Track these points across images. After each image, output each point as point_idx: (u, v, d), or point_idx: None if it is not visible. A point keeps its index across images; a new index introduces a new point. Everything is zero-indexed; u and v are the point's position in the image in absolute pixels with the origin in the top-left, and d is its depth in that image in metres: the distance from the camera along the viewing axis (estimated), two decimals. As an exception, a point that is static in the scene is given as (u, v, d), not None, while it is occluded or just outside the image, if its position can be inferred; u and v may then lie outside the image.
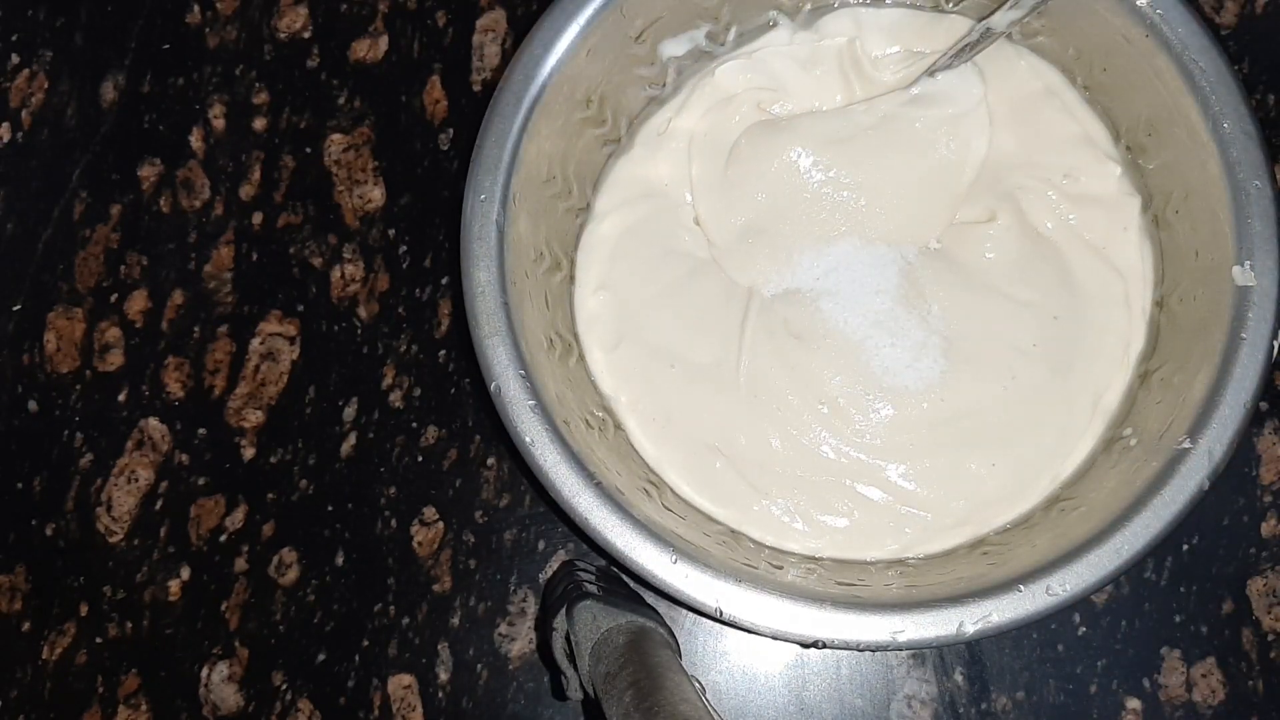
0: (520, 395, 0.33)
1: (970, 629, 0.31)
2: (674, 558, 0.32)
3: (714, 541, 0.34)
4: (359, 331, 0.42)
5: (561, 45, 0.34)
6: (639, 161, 0.39)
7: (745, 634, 0.40)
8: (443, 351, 0.42)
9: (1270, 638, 0.39)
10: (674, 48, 0.38)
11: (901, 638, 0.31)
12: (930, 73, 0.37)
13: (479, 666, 0.40)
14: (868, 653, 0.39)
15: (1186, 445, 0.32)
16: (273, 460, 0.42)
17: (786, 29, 0.39)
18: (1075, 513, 0.34)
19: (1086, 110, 0.37)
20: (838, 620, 0.31)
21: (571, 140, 0.36)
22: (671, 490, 0.36)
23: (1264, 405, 0.40)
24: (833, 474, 0.36)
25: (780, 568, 0.34)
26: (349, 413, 0.42)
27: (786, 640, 0.32)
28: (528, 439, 0.33)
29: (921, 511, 0.36)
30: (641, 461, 0.36)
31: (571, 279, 0.37)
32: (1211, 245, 0.34)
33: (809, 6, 0.38)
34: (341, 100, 0.44)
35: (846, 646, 0.32)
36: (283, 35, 0.45)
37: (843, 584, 0.33)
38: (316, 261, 0.43)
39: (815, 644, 0.32)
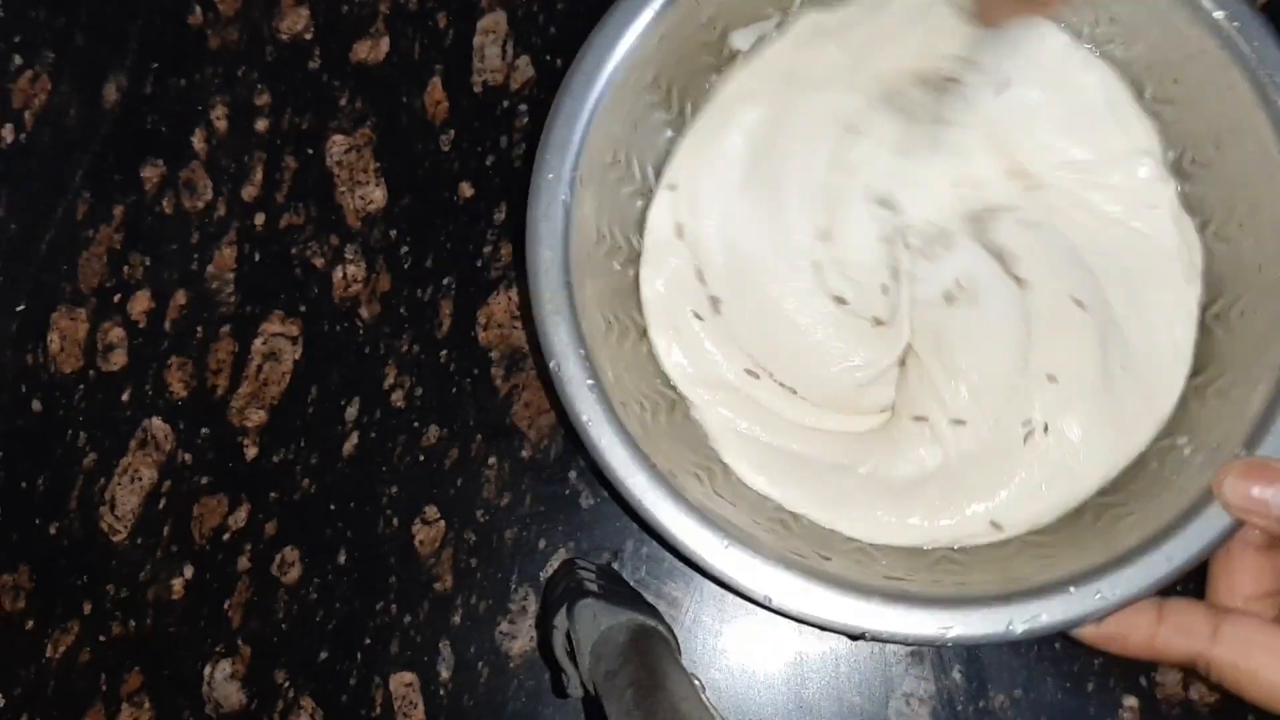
0: (579, 374, 0.33)
1: (1020, 628, 0.31)
2: (726, 543, 0.32)
3: (764, 529, 0.34)
4: (361, 331, 0.43)
5: (636, 29, 0.35)
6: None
7: (745, 633, 0.40)
8: (444, 351, 0.42)
9: (1266, 636, 0.39)
10: (743, 39, 0.38)
11: (950, 634, 0.31)
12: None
13: (480, 664, 0.40)
14: (867, 651, 0.39)
15: (1242, 455, 0.32)
16: (275, 460, 0.42)
17: None
18: (1127, 520, 0.34)
19: (1146, 124, 0.37)
20: (887, 613, 0.31)
21: (638, 123, 0.36)
22: (724, 473, 0.36)
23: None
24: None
25: (829, 558, 0.34)
26: (351, 412, 0.42)
27: (833, 630, 0.32)
28: (585, 417, 0.33)
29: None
30: (698, 442, 0.36)
31: (633, 261, 0.37)
32: (1276, 260, 0.33)
33: None
34: (343, 101, 0.44)
35: (894, 640, 0.31)
36: (284, 36, 0.45)
37: (891, 578, 0.33)
38: (318, 262, 0.43)
39: (861, 636, 0.31)
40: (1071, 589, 0.31)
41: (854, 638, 0.32)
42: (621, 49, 0.35)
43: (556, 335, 0.33)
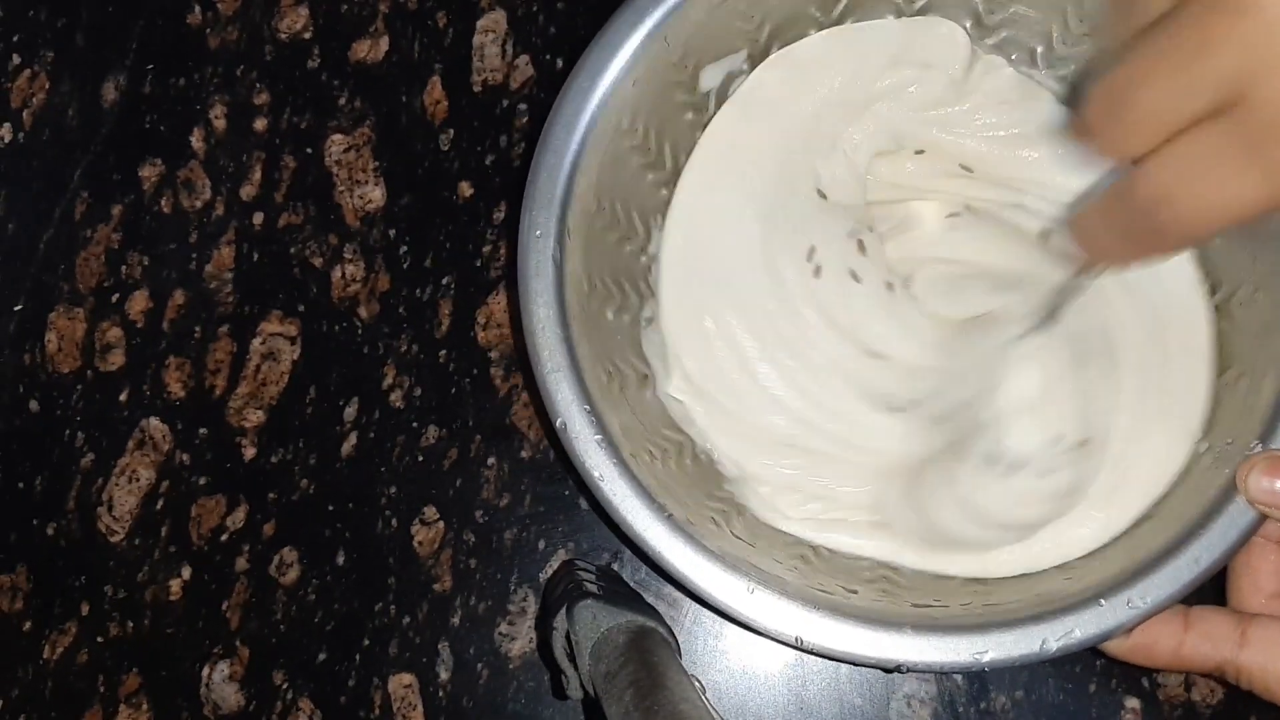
0: (587, 430, 0.33)
1: (1054, 645, 0.30)
2: (751, 588, 0.32)
3: (785, 568, 0.34)
4: (359, 331, 0.42)
5: (610, 75, 0.34)
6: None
7: (745, 633, 0.40)
8: (443, 351, 0.42)
9: (1269, 637, 0.39)
10: (712, 76, 0.38)
11: (985, 658, 0.30)
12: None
13: (479, 666, 0.40)
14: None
15: (1257, 449, 0.31)
16: (274, 460, 0.42)
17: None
18: (1147, 524, 0.34)
19: None
20: (920, 644, 0.31)
21: (620, 169, 0.36)
22: (739, 514, 0.36)
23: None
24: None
25: (855, 591, 0.33)
26: (349, 412, 0.42)
27: (867, 665, 0.31)
28: (597, 474, 0.32)
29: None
30: (712, 485, 0.36)
31: (626, 308, 0.37)
32: (1270, 247, 0.33)
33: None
34: (342, 101, 0.44)
35: (930, 670, 0.31)
36: (283, 36, 0.45)
37: (919, 605, 0.33)
38: (317, 261, 0.43)
39: (898, 669, 0.31)
40: (1102, 601, 0.31)
41: (889, 671, 0.32)
42: (597, 96, 0.34)
43: (559, 392, 0.33)
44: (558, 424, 0.33)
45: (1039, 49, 0.37)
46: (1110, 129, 0.24)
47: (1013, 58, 0.38)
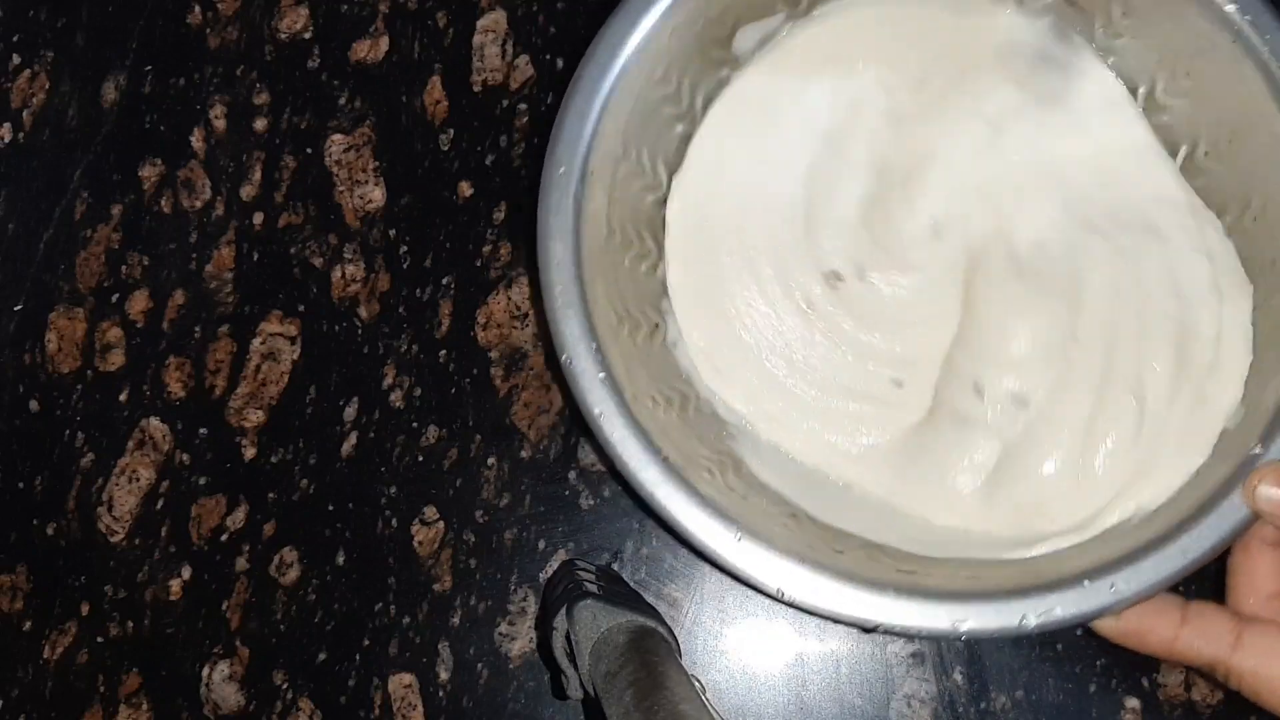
0: (591, 368, 0.33)
1: (1033, 621, 0.30)
2: (738, 535, 0.32)
3: (776, 523, 0.34)
4: (359, 331, 0.42)
5: (648, 22, 0.34)
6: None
7: (745, 634, 0.40)
8: (443, 351, 0.42)
9: (1269, 637, 0.39)
10: (750, 35, 0.38)
11: (963, 626, 0.31)
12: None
13: (479, 666, 0.40)
14: (868, 652, 0.39)
15: (1258, 451, 0.31)
16: (274, 460, 0.42)
17: None
18: (1140, 514, 0.34)
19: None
20: (900, 606, 0.31)
21: (649, 118, 0.36)
22: (736, 468, 0.36)
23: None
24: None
25: (841, 551, 0.34)
26: (349, 412, 0.42)
27: (845, 623, 0.32)
28: (597, 410, 0.33)
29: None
30: (712, 436, 0.36)
31: (644, 255, 0.37)
32: None
33: None
34: (342, 101, 0.44)
35: (906, 633, 0.31)
36: (283, 36, 0.45)
37: (904, 571, 0.33)
38: (317, 261, 0.43)
39: (874, 629, 0.31)
40: (1086, 582, 0.31)
41: (867, 630, 0.32)
42: (633, 42, 0.34)
43: (568, 329, 0.33)
44: (563, 359, 0.33)
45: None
46: None
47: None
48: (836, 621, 0.32)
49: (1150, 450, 0.34)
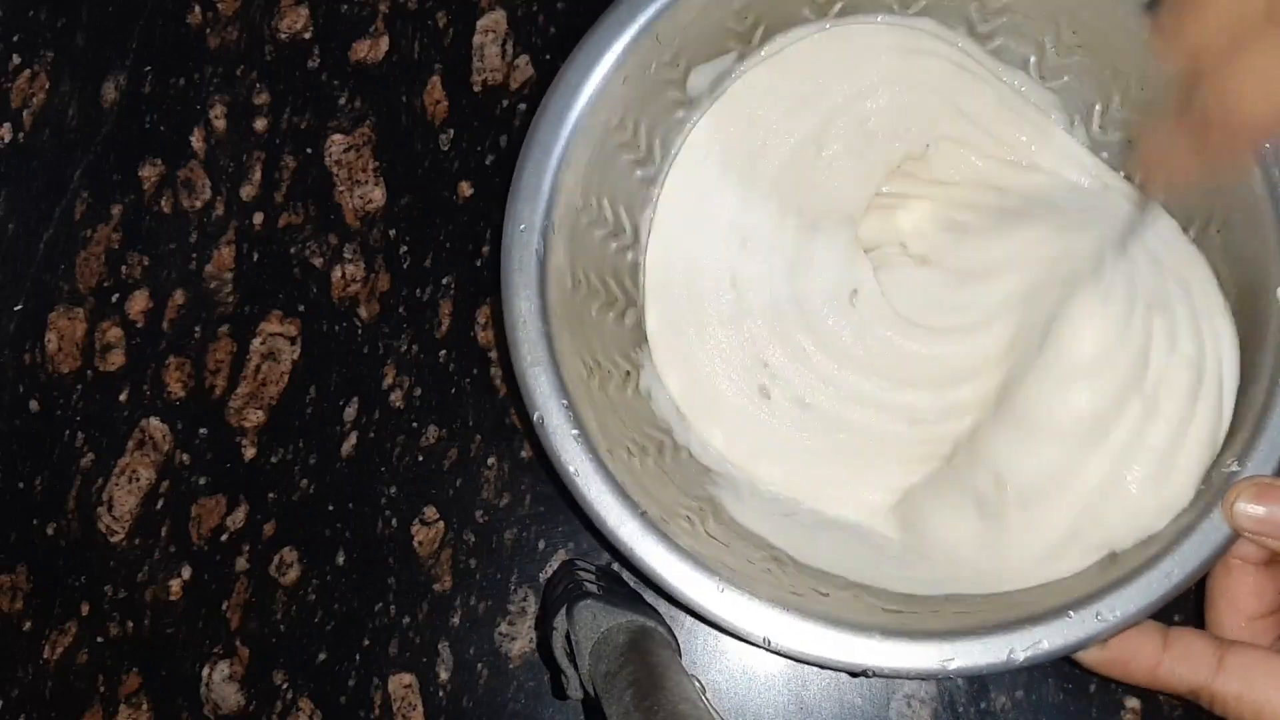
0: (564, 425, 0.33)
1: (1021, 655, 0.30)
2: (721, 586, 0.32)
3: (758, 569, 0.34)
4: (359, 331, 0.42)
5: (600, 71, 0.34)
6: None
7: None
8: (443, 351, 0.42)
9: (1269, 637, 0.39)
10: (703, 76, 0.37)
11: (951, 665, 0.30)
12: None
13: (479, 665, 0.40)
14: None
15: (1234, 469, 0.31)
16: (274, 460, 0.42)
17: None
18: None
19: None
20: (887, 648, 0.31)
21: (607, 166, 0.36)
22: (715, 514, 0.36)
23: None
24: None
25: (826, 594, 0.33)
26: (349, 412, 0.42)
27: (834, 669, 0.31)
28: (572, 469, 0.33)
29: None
30: (689, 482, 0.36)
31: (610, 304, 0.37)
32: (1253, 268, 0.33)
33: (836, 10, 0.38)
34: (342, 101, 0.44)
35: (896, 675, 0.31)
36: (283, 36, 0.45)
37: (890, 610, 0.33)
38: (317, 261, 0.43)
39: (864, 673, 0.31)
40: (1071, 613, 0.31)
41: (855, 675, 0.32)
42: (586, 92, 0.34)
43: (538, 386, 0.33)
44: (535, 418, 0.33)
45: (1032, 58, 0.37)
46: (1186, 26, 0.25)
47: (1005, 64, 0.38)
48: (824, 667, 0.31)
49: (1154, 498, 0.34)
